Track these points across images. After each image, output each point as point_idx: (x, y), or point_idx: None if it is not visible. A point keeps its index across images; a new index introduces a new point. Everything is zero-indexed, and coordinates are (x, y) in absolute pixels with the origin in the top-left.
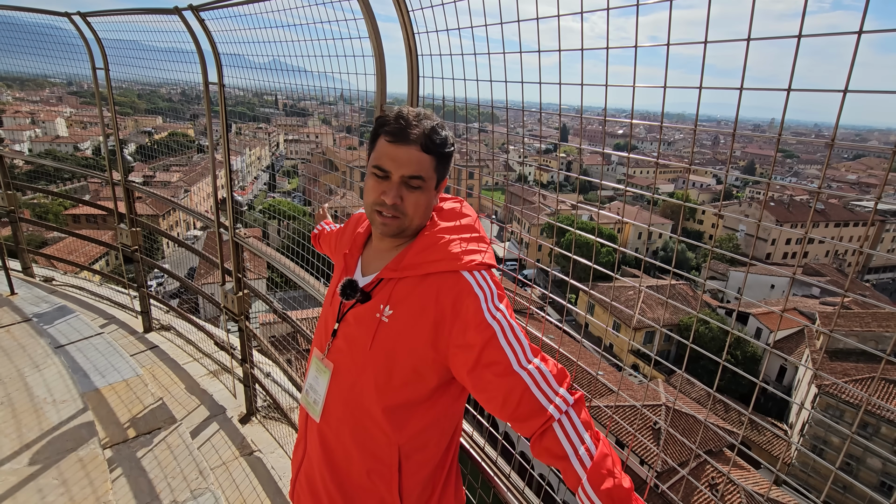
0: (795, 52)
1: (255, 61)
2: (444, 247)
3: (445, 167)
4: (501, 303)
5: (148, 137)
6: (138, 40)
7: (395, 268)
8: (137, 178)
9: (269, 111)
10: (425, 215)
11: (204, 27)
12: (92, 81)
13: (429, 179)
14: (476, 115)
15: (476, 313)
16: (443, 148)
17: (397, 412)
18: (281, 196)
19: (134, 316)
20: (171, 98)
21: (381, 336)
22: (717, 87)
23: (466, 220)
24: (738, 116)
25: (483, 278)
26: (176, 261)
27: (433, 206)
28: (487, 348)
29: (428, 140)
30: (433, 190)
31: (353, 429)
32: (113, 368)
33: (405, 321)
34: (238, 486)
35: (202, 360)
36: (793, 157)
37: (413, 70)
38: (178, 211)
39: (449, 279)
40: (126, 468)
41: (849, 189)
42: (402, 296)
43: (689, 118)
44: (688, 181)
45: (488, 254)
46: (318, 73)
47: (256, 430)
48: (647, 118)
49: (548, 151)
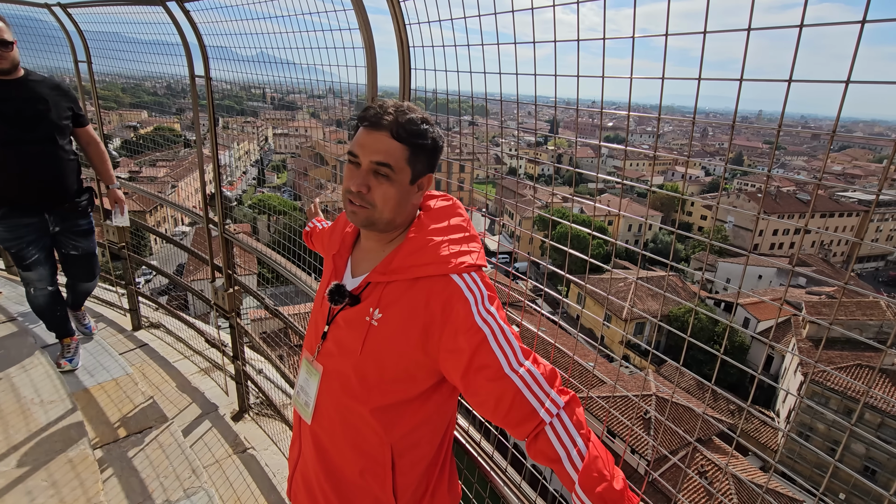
0: (797, 43)
1: (243, 54)
2: (434, 249)
3: (422, 161)
4: (492, 305)
5: (133, 132)
6: (122, 32)
7: (383, 271)
8: (123, 174)
9: (257, 105)
10: (397, 210)
11: (189, 19)
12: (74, 75)
13: (399, 171)
14: (469, 107)
15: (466, 317)
16: (416, 138)
17: (388, 412)
18: (270, 191)
19: (122, 314)
20: (156, 92)
21: (371, 340)
22: (718, 79)
23: (456, 219)
24: (726, 108)
25: (473, 280)
26: (164, 257)
27: (410, 202)
28: (478, 353)
29: (400, 128)
30: (407, 185)
31: (345, 430)
32: (102, 367)
33: (395, 325)
34: (232, 483)
35: (193, 357)
36: (780, 149)
37: (404, 62)
38: (166, 207)
39: (438, 283)
40: (117, 468)
41: (834, 180)
42: (391, 299)
43: (678, 110)
44: (687, 173)
45: (479, 254)
46: (307, 66)
47: (249, 427)
48: (636, 111)
49: (540, 144)
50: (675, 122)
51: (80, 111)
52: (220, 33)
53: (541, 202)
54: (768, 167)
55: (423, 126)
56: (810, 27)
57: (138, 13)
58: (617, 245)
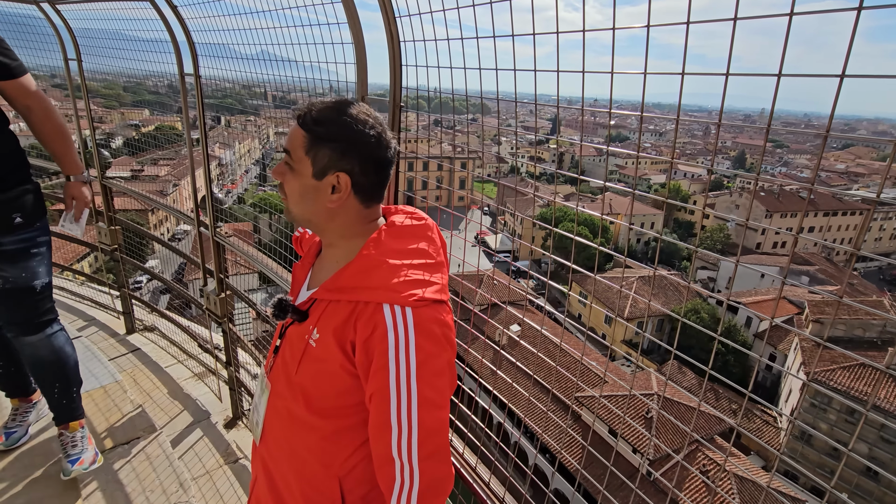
0: (787, 34)
1: (233, 51)
2: (385, 273)
3: (326, 154)
4: (419, 353)
5: (135, 130)
6: (113, 29)
7: (329, 288)
8: (125, 173)
9: (258, 103)
10: (303, 205)
11: (177, 14)
12: (64, 73)
13: (297, 160)
14: (465, 106)
15: (381, 355)
16: (315, 125)
17: (330, 442)
18: (272, 189)
19: (116, 317)
20: (157, 90)
21: (307, 361)
22: (701, 73)
23: (423, 243)
24: (727, 106)
25: (405, 320)
26: (165, 257)
27: (320, 201)
28: (377, 392)
29: (307, 115)
30: (309, 178)
31: (290, 456)
32: (90, 374)
33: (328, 346)
34: (222, 496)
35: (187, 361)
36: (783, 147)
37: (395, 58)
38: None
39: (369, 310)
40: (102, 481)
41: (837, 178)
42: (330, 318)
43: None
44: (711, 174)
45: (438, 288)
46: (298, 64)
47: (243, 434)
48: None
49: (541, 143)
50: (676, 120)
51: (4, 53)
52: (208, 29)
53: (542, 201)
54: (757, 170)
55: (336, 116)
56: (801, 15)
57: (127, 10)
58: (617, 244)
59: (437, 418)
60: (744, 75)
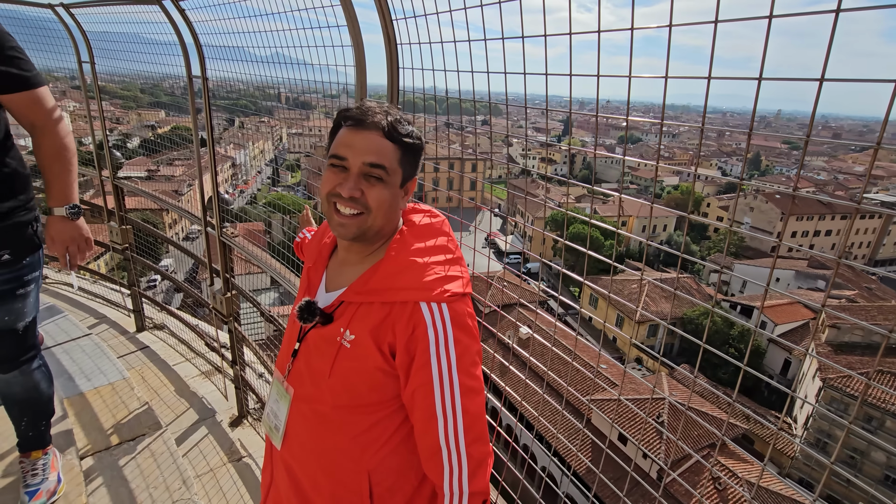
0: (766, 36)
1: (238, 53)
2: (416, 273)
3: (411, 164)
4: (457, 346)
5: (151, 131)
6: (126, 32)
7: (359, 290)
8: (141, 173)
9: (271, 104)
10: (389, 216)
11: (185, 17)
12: (78, 75)
13: (392, 173)
14: (463, 108)
15: (423, 352)
16: (408, 138)
17: (362, 438)
18: (284, 190)
19: (126, 314)
20: (173, 92)
21: (341, 362)
22: (683, 77)
23: (441, 239)
24: (741, 107)
25: (442, 316)
26: (179, 256)
27: (399, 210)
28: (420, 387)
29: (391, 126)
30: (398, 188)
31: (319, 457)
32: (99, 371)
33: (365, 346)
34: (225, 493)
35: (195, 360)
36: (798, 149)
37: (392, 60)
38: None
39: (407, 311)
40: (107, 477)
41: (855, 181)
42: (363, 320)
43: (693, 110)
44: (741, 188)
45: (464, 281)
46: (301, 66)
47: (247, 433)
48: (651, 110)
49: (552, 144)
50: (701, 128)
51: (11, 61)
52: (215, 32)
53: (553, 202)
54: (741, 173)
55: (409, 126)
56: (780, 17)
57: (138, 13)
58: (629, 246)
59: (478, 403)
60: (723, 79)
